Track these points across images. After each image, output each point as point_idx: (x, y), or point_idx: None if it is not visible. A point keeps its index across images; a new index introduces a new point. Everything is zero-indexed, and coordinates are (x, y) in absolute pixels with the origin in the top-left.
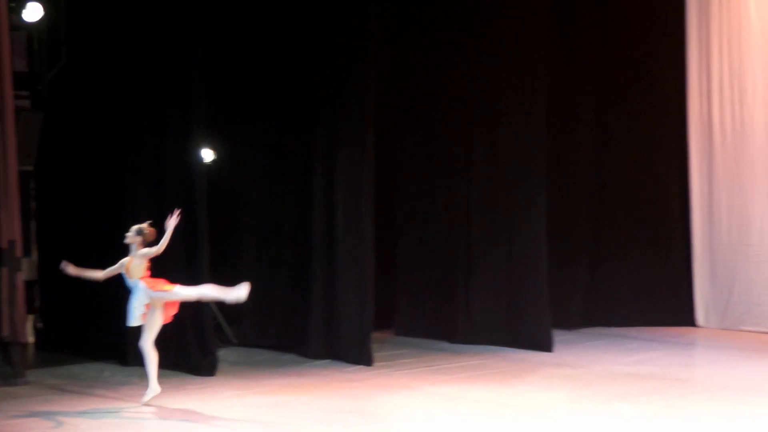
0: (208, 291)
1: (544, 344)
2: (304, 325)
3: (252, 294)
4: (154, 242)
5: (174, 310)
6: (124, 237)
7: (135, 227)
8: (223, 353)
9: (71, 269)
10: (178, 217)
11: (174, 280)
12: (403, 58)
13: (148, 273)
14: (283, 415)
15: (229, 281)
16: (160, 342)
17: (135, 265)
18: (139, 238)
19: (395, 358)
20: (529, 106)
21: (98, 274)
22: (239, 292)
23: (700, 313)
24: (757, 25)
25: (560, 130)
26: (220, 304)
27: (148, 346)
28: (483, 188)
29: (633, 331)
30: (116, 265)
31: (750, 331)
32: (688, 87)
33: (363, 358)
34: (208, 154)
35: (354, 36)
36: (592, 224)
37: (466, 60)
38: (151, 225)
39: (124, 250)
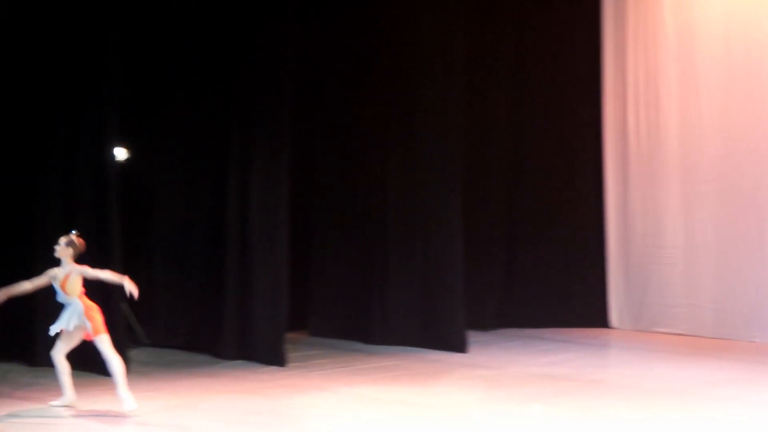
0: (117, 367)
1: (458, 345)
2: (217, 325)
3: (164, 294)
4: (84, 253)
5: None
6: (47, 243)
7: (65, 239)
8: (134, 354)
9: None
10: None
11: (84, 282)
12: (318, 59)
13: (83, 290)
14: (195, 417)
15: (142, 281)
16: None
17: (72, 281)
18: (70, 250)
19: (309, 359)
20: (444, 107)
21: (26, 286)
22: (126, 403)
23: (614, 315)
24: (671, 30)
25: (475, 133)
26: (132, 304)
27: (60, 357)
28: (398, 189)
29: (547, 332)
30: (44, 277)
31: (663, 333)
32: (603, 91)
33: (276, 359)
34: (121, 153)
35: (269, 39)
36: (507, 226)
37: (381, 61)
38: (78, 235)
39: (34, 254)
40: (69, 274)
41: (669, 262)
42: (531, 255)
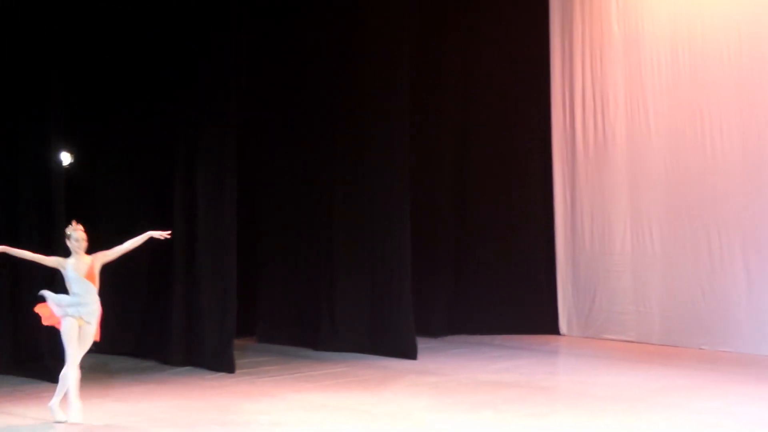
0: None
1: (408, 352)
2: (165, 331)
3: (110, 300)
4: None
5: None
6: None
7: (81, 231)
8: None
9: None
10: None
11: (30, 287)
12: (268, 70)
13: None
14: (142, 423)
15: None
16: (11, 348)
17: (98, 271)
18: (86, 244)
19: (258, 366)
20: (391, 114)
21: (27, 255)
22: (73, 415)
23: (563, 322)
24: (618, 37)
25: (423, 139)
26: None
27: (76, 365)
28: (347, 197)
29: (497, 339)
30: (52, 260)
31: (612, 340)
32: (551, 98)
33: (225, 366)
34: (66, 158)
35: (217, 49)
36: (455, 233)
37: (328, 71)
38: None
39: None
40: (93, 263)
41: (617, 270)
42: (480, 262)
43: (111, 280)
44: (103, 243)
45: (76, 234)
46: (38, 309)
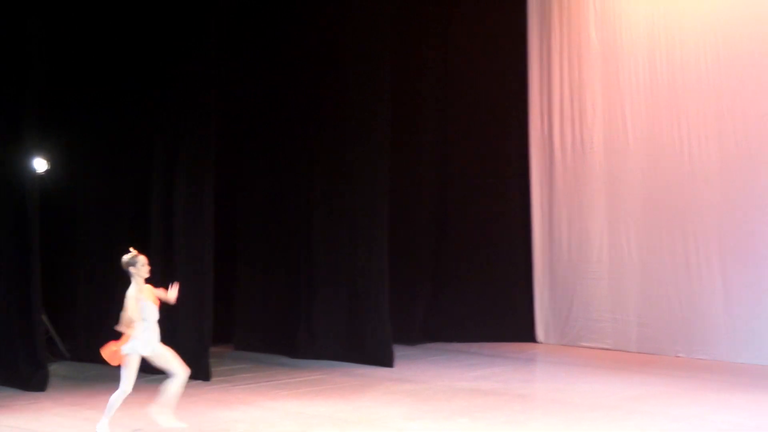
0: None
1: (385, 360)
2: None
3: (85, 308)
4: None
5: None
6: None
7: (141, 257)
8: (55, 368)
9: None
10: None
11: (4, 294)
12: (246, 78)
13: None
14: (117, 431)
15: (62, 295)
16: None
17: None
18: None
19: (234, 373)
20: (372, 123)
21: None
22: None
23: (540, 330)
24: (596, 45)
25: (403, 147)
26: (53, 317)
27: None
28: (326, 204)
29: (474, 346)
30: (131, 300)
31: (588, 347)
32: (529, 105)
33: (201, 373)
34: (41, 165)
35: (196, 54)
36: (433, 241)
37: (308, 82)
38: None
39: None
40: (151, 286)
41: (594, 278)
42: (458, 270)
43: (87, 288)
44: (78, 250)
45: (141, 259)
46: (105, 352)
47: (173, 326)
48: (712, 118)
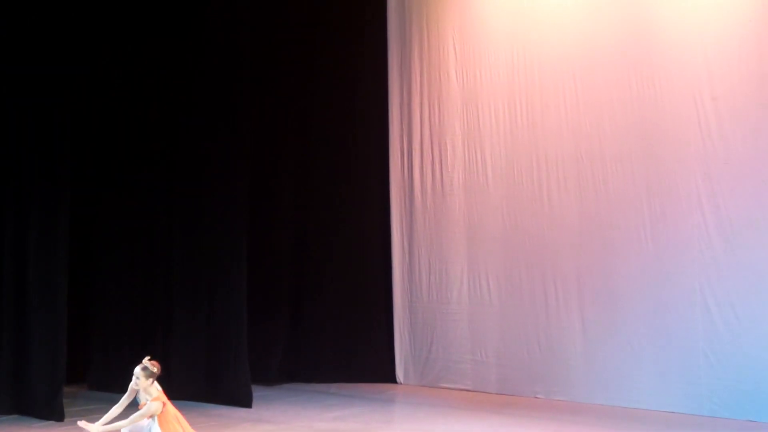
0: None
1: (243, 400)
2: None
3: None
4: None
5: None
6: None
7: (142, 368)
8: None
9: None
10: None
11: None
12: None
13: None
14: None
15: None
16: None
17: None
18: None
19: (88, 413)
20: (230, 160)
21: (116, 411)
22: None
23: (399, 370)
24: (456, 87)
25: (262, 186)
26: None
27: None
28: (183, 241)
29: (333, 387)
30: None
31: (449, 388)
32: (390, 145)
33: (54, 413)
34: None
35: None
36: (293, 280)
37: (166, 113)
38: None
39: None
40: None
41: (454, 318)
42: (317, 309)
43: None
44: None
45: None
46: None
47: (26, 365)
48: (571, 161)
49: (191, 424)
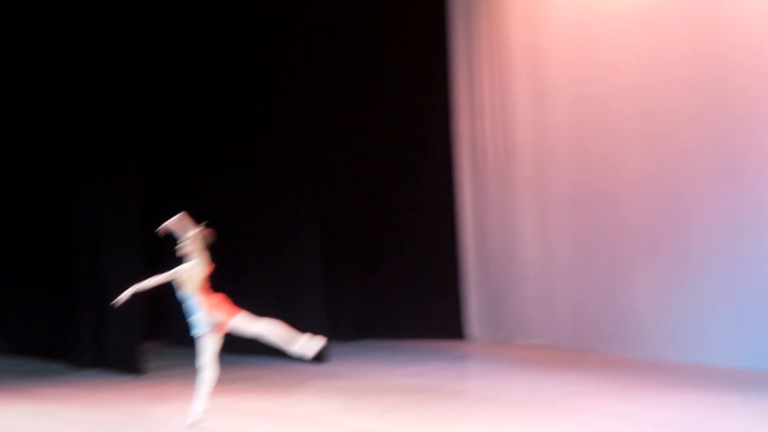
0: (274, 330)
1: (317, 356)
2: (73, 333)
3: (16, 302)
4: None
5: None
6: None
7: (189, 234)
8: None
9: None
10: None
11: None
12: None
13: (206, 286)
14: (50, 425)
15: None
16: None
17: (188, 277)
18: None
19: (168, 368)
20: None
21: (153, 281)
22: (309, 348)
23: (472, 327)
24: (523, 43)
25: (332, 144)
26: None
27: (206, 363)
28: (255, 203)
29: (406, 343)
30: (170, 273)
31: (521, 345)
32: (456, 106)
33: (134, 367)
34: None
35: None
36: (365, 238)
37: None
38: (207, 225)
39: None
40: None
41: (526, 275)
42: (390, 267)
43: (17, 282)
44: (7, 245)
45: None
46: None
47: (107, 321)
48: (640, 118)
49: (267, 379)
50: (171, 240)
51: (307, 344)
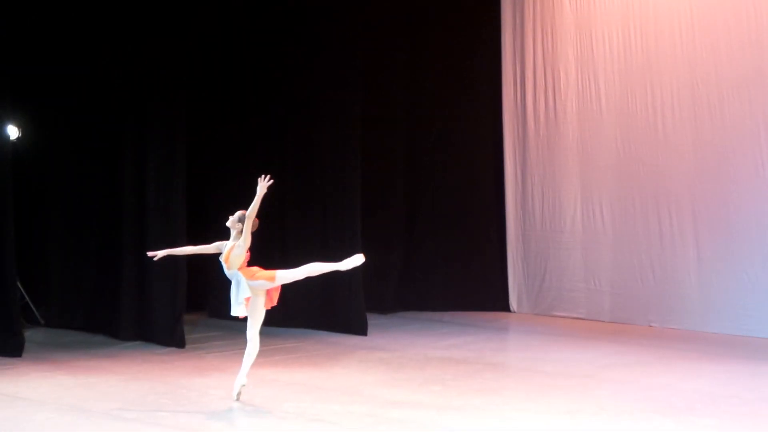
0: (317, 267)
1: (358, 328)
2: (115, 306)
3: (60, 275)
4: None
5: (277, 293)
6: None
7: (239, 212)
8: (30, 334)
9: (160, 253)
10: (270, 181)
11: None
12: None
13: (246, 261)
14: (92, 397)
15: (36, 261)
16: None
17: (235, 255)
18: (240, 225)
19: (208, 341)
20: (341, 92)
21: (189, 249)
22: (354, 262)
23: (513, 299)
24: (570, 15)
25: (374, 115)
26: (27, 283)
27: (252, 335)
28: (299, 176)
29: (447, 315)
30: (212, 246)
31: (561, 317)
32: (502, 75)
33: (175, 340)
34: (13, 132)
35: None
36: (406, 210)
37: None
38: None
39: None
40: (234, 246)
41: (567, 247)
42: (431, 239)
43: (61, 255)
44: (52, 216)
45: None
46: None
47: (147, 293)
48: (686, 88)
49: (307, 351)
50: (216, 217)
51: (350, 261)
